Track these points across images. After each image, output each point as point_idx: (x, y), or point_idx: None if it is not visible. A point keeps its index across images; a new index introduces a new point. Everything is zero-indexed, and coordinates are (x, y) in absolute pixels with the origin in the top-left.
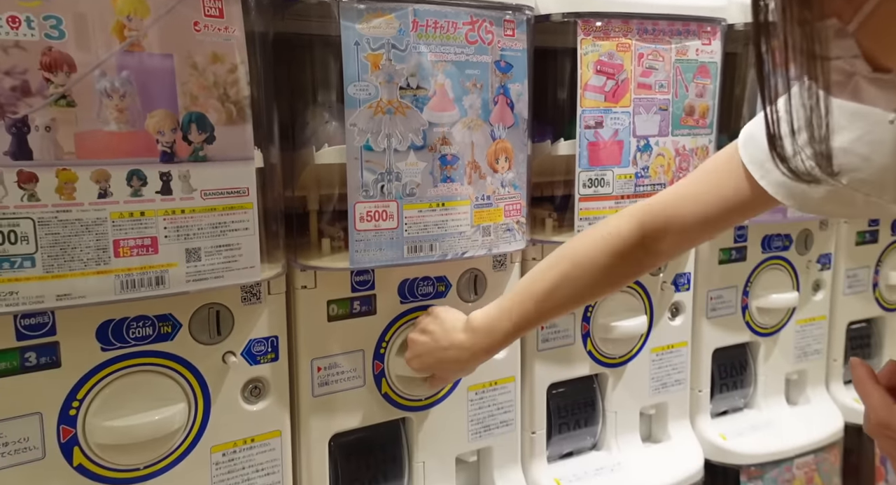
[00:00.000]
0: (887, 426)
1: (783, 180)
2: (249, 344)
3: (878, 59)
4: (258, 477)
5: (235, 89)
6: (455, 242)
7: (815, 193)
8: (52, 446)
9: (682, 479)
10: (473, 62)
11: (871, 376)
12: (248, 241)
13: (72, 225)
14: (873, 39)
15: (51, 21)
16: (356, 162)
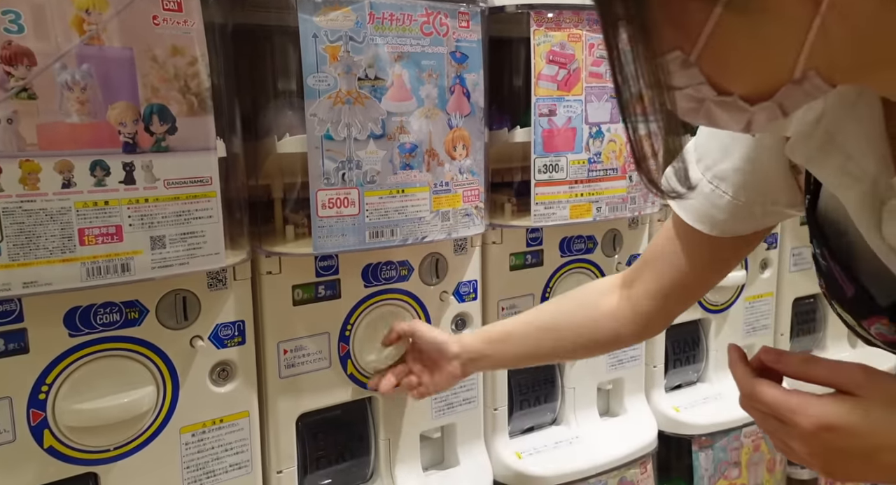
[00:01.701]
0: (751, 397)
1: (696, 205)
2: (216, 328)
3: (721, 83)
4: (227, 456)
5: (196, 81)
6: (415, 227)
7: (721, 214)
8: (23, 430)
9: (636, 450)
10: (429, 53)
11: (741, 357)
12: (211, 228)
13: (36, 214)
14: (713, 66)
15: (10, 16)
16: (317, 151)
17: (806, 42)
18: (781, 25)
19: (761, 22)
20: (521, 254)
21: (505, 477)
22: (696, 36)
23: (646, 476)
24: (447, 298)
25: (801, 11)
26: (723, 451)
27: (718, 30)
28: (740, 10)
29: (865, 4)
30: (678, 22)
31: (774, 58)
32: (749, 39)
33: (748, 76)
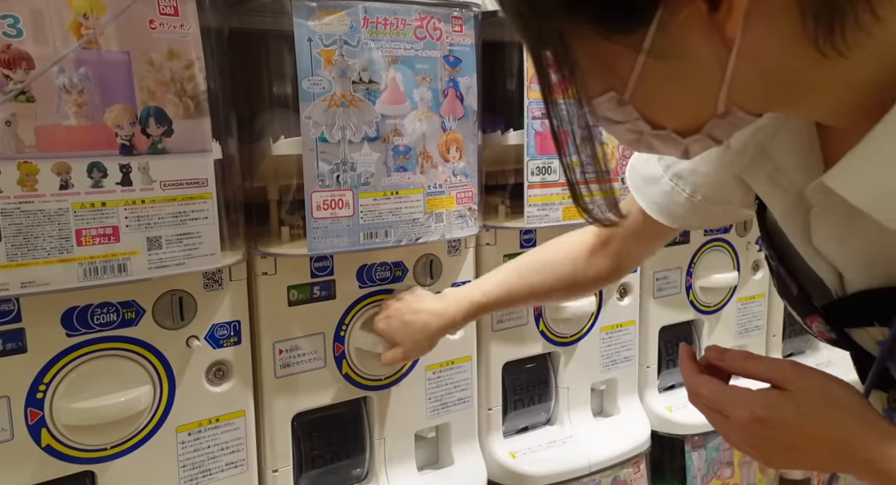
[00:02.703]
0: (694, 394)
1: (657, 200)
2: (212, 328)
3: (653, 119)
4: (223, 455)
5: (192, 84)
6: (409, 228)
7: (680, 210)
8: (21, 428)
9: (630, 449)
10: (423, 57)
11: (690, 356)
12: (207, 229)
13: (34, 215)
14: (644, 105)
15: (8, 20)
16: (312, 153)
17: (723, 83)
18: (699, 69)
19: (681, 67)
20: (515, 255)
21: (499, 477)
22: (625, 79)
23: (639, 476)
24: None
25: (715, 57)
26: (715, 450)
27: (644, 74)
28: (660, 57)
29: (770, 50)
30: (608, 67)
31: (697, 97)
32: (672, 81)
33: (676, 113)
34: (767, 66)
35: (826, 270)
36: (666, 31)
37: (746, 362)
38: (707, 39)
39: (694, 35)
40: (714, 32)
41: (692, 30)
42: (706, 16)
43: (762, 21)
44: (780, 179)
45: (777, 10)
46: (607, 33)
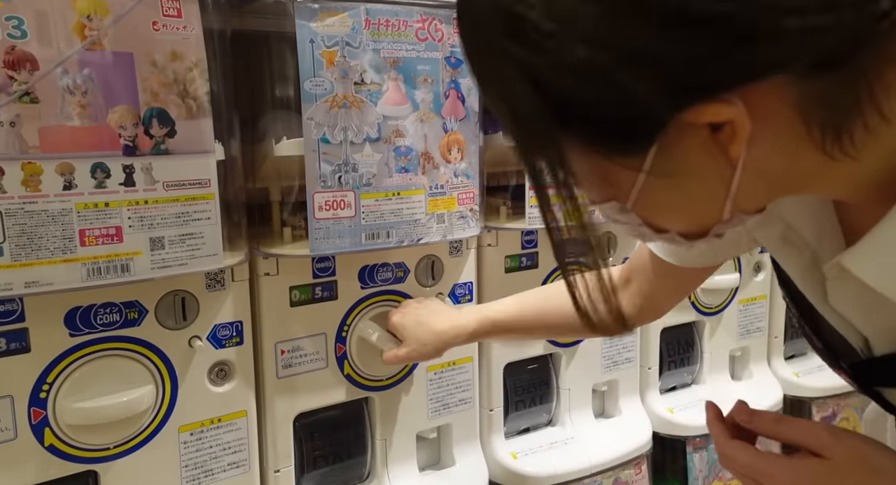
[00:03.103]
0: (727, 459)
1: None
2: (215, 329)
3: (657, 225)
4: (225, 455)
5: (195, 85)
6: (411, 229)
7: (686, 253)
8: (24, 428)
9: (631, 450)
10: (425, 58)
11: (717, 416)
12: (210, 230)
13: (38, 215)
14: (647, 212)
15: (13, 21)
16: (314, 154)
17: (728, 196)
18: (703, 185)
19: (684, 182)
20: (516, 256)
21: (500, 477)
22: (627, 191)
23: (640, 477)
24: (443, 300)
25: (718, 174)
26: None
27: (646, 189)
28: (662, 176)
29: (776, 162)
30: (608, 181)
31: (701, 208)
32: (675, 195)
33: (680, 221)
34: (774, 175)
35: (849, 330)
36: (667, 152)
37: (778, 426)
38: (710, 158)
39: (696, 155)
40: (717, 152)
41: (694, 151)
42: (708, 138)
43: (766, 138)
44: (794, 237)
45: (781, 127)
46: (603, 154)
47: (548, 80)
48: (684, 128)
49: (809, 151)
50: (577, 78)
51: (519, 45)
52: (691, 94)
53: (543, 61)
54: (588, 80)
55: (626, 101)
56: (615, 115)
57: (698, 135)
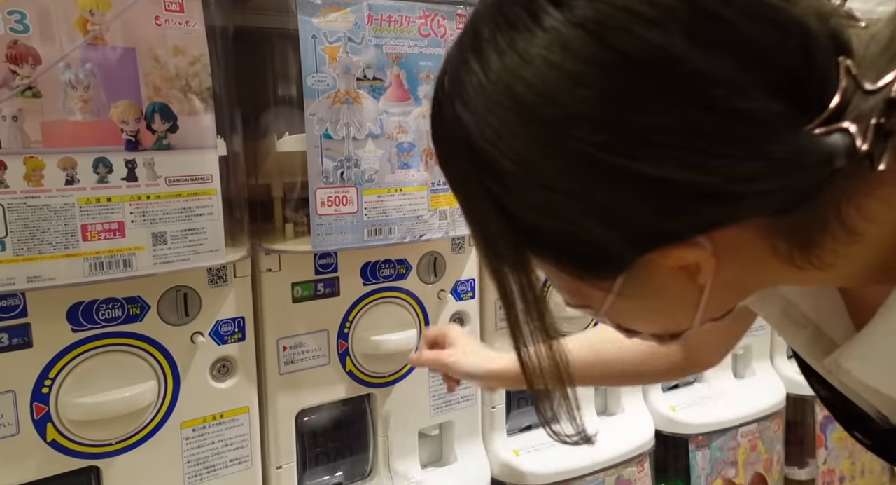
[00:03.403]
0: None
1: None
2: (217, 325)
3: (630, 329)
4: (227, 451)
5: (197, 81)
6: (413, 225)
7: None
8: (26, 423)
9: (633, 448)
10: (427, 54)
11: None
12: (212, 225)
13: (40, 210)
14: (620, 320)
15: (15, 16)
16: (316, 150)
17: (697, 310)
18: (673, 303)
19: (654, 300)
20: None
21: (502, 474)
22: (599, 304)
23: (643, 475)
24: (445, 297)
25: (688, 295)
26: (720, 450)
27: (617, 304)
28: (631, 297)
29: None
30: (581, 294)
31: (671, 321)
32: (646, 311)
33: (650, 329)
34: (744, 286)
35: (860, 400)
36: (636, 279)
37: None
38: (679, 284)
39: (666, 282)
40: (685, 279)
41: (664, 278)
42: (676, 269)
43: (734, 264)
44: (795, 313)
45: (749, 252)
46: (575, 275)
47: (514, 211)
48: (652, 262)
49: (778, 266)
50: (541, 215)
51: (485, 176)
52: (655, 240)
53: (508, 196)
54: (552, 220)
55: (590, 241)
56: (581, 250)
57: (666, 267)
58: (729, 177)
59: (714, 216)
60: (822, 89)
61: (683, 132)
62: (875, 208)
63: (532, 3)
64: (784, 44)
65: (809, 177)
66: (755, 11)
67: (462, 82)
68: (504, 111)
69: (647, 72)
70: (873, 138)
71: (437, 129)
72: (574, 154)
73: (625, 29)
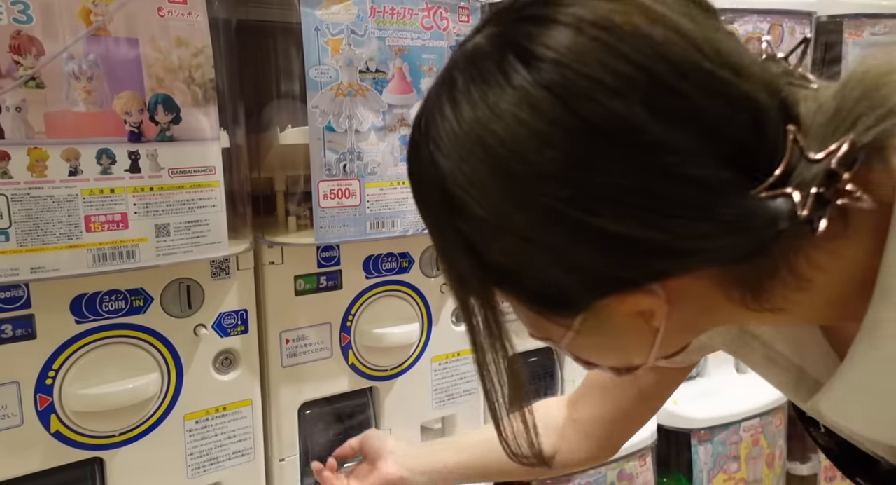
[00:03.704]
0: None
1: None
2: (220, 317)
3: (588, 363)
4: (230, 443)
5: (200, 72)
6: (416, 218)
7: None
8: (30, 414)
9: (635, 442)
10: (430, 47)
11: None
12: (215, 217)
13: (44, 201)
14: (578, 352)
15: (19, 6)
16: (319, 142)
17: (652, 349)
18: (628, 341)
19: (611, 339)
20: None
21: None
22: (559, 338)
23: (645, 469)
24: (447, 290)
25: (643, 335)
26: (722, 445)
27: (576, 340)
28: (589, 335)
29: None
30: (541, 327)
31: (627, 357)
32: (604, 349)
33: (608, 363)
34: (698, 326)
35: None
36: (594, 318)
37: None
38: (634, 326)
39: (622, 323)
40: (641, 321)
41: (620, 320)
42: (632, 313)
43: (687, 307)
44: (777, 357)
45: (702, 295)
46: (537, 311)
47: (483, 253)
48: (607, 307)
49: (731, 309)
50: (508, 259)
51: (457, 219)
52: (612, 286)
53: (478, 239)
54: (517, 262)
55: (552, 284)
56: (543, 291)
57: (623, 312)
58: (680, 235)
59: (667, 268)
60: (771, 157)
61: (641, 194)
62: (823, 259)
63: (503, 61)
64: (735, 117)
65: (755, 237)
66: (709, 87)
67: (437, 127)
68: (476, 161)
69: (609, 139)
70: (813, 205)
71: (413, 168)
72: (541, 208)
73: (588, 96)
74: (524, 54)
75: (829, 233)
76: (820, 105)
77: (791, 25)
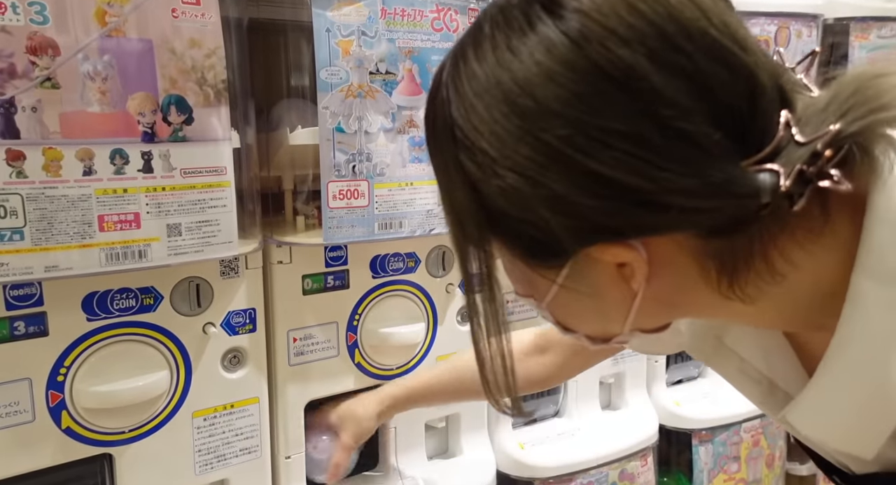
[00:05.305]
0: None
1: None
2: (228, 316)
3: (566, 326)
4: (237, 441)
5: (213, 73)
6: (423, 219)
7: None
8: (42, 410)
9: (637, 442)
10: (440, 49)
11: None
12: (225, 217)
13: (58, 201)
14: (558, 314)
15: (35, 7)
16: (328, 143)
17: (628, 317)
18: (608, 304)
19: (592, 299)
20: None
21: (508, 467)
22: (542, 295)
23: (646, 469)
24: (453, 290)
25: (622, 297)
26: (722, 445)
27: (559, 297)
28: (572, 291)
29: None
30: (529, 281)
31: (604, 321)
32: (583, 307)
33: (585, 328)
34: (673, 304)
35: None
36: (579, 273)
37: None
38: (614, 285)
39: (603, 280)
40: (621, 281)
41: (601, 276)
42: (614, 270)
43: (665, 277)
44: (749, 370)
45: (679, 269)
46: (526, 260)
47: (483, 191)
48: (594, 258)
49: (706, 290)
50: (505, 198)
51: (464, 156)
52: (598, 235)
53: (480, 175)
54: (513, 203)
55: (542, 228)
56: (534, 235)
57: (605, 266)
58: (666, 188)
59: (650, 221)
60: (762, 134)
61: (634, 140)
62: (797, 255)
63: (530, 10)
64: (733, 85)
65: (737, 207)
66: (713, 52)
67: (458, 69)
68: (490, 98)
69: (612, 82)
70: (795, 180)
71: (429, 109)
72: (541, 144)
73: (601, 43)
74: (551, 5)
75: (805, 227)
76: (814, 100)
77: (798, 28)
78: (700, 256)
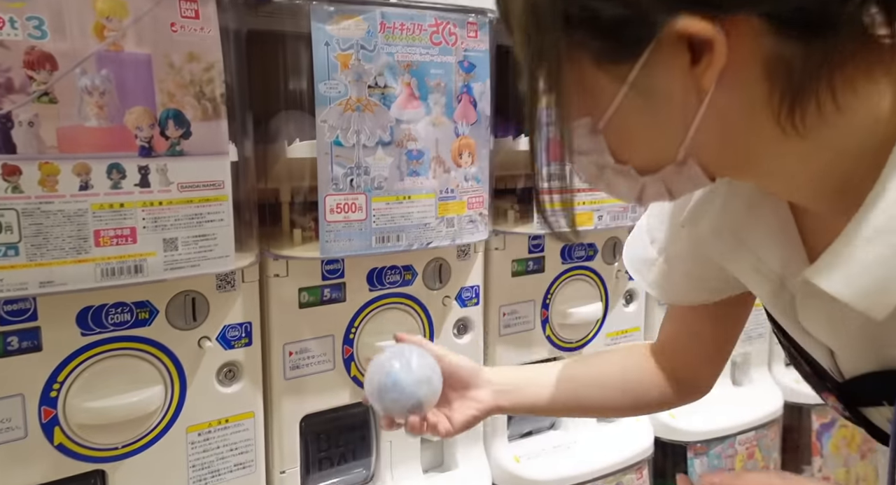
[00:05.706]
0: None
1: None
2: (224, 330)
3: (619, 153)
4: (232, 456)
5: (211, 87)
6: (420, 232)
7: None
8: (34, 426)
9: (632, 455)
10: (438, 62)
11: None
12: (222, 231)
13: (54, 215)
14: (615, 136)
15: (34, 21)
16: (326, 157)
17: (688, 130)
18: (671, 112)
19: (656, 106)
20: (523, 260)
21: (503, 480)
22: (604, 107)
23: (641, 481)
24: (450, 303)
25: (687, 104)
26: (717, 458)
27: (623, 106)
28: (640, 92)
29: (735, 112)
30: (591, 93)
31: (662, 138)
32: (644, 118)
33: (641, 150)
34: (730, 126)
35: (818, 350)
36: (651, 69)
37: (738, 479)
38: (684, 86)
39: (674, 78)
40: (692, 81)
41: (674, 73)
42: (687, 67)
43: (735, 83)
44: (763, 268)
45: (750, 78)
46: (598, 59)
47: None
48: (671, 46)
49: (765, 117)
50: None
51: None
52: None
53: None
54: None
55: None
56: (618, 14)
57: (680, 59)
58: None
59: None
60: None
61: None
62: (861, 84)
63: None
64: None
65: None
66: None
67: None
68: None
69: None
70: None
71: None
72: None
73: None
74: None
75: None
76: None
77: None
78: (770, 65)
